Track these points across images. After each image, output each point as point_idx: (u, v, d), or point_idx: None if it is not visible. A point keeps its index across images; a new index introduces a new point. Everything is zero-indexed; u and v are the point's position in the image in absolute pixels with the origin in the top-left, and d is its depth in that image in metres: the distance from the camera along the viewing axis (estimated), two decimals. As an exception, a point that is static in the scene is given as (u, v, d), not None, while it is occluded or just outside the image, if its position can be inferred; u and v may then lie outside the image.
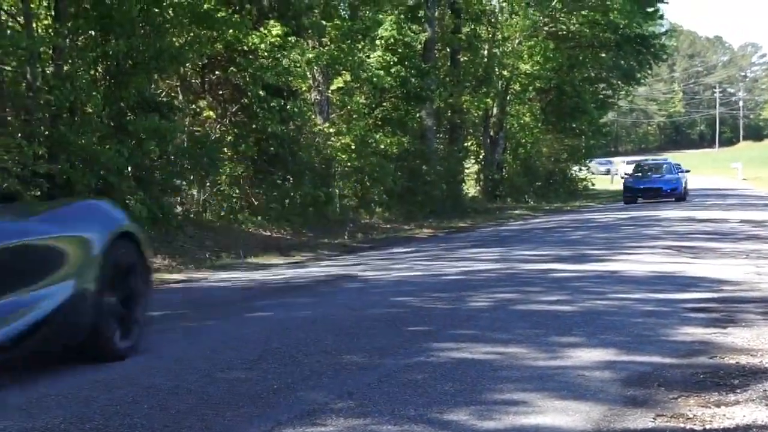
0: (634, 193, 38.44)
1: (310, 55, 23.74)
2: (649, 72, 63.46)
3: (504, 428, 4.64)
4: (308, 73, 25.03)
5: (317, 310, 9.21)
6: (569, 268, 12.42)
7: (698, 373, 5.78)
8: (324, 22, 25.21)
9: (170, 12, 18.55)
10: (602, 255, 14.23)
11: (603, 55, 48.36)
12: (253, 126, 22.26)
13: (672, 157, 69.34)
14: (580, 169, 53.81)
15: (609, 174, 80.00)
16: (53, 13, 16.97)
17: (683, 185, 38.95)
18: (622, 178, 44.94)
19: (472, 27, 38.31)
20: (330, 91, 26.95)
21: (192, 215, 20.21)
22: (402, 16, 31.42)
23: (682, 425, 4.67)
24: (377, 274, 12.96)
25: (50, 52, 16.29)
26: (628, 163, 70.95)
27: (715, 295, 9.30)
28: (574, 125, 50.68)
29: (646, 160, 48.65)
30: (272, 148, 22.70)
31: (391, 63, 28.38)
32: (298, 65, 23.04)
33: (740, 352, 6.39)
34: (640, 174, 40.71)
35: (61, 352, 6.52)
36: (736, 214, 25.03)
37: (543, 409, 4.95)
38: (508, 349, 6.59)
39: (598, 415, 4.81)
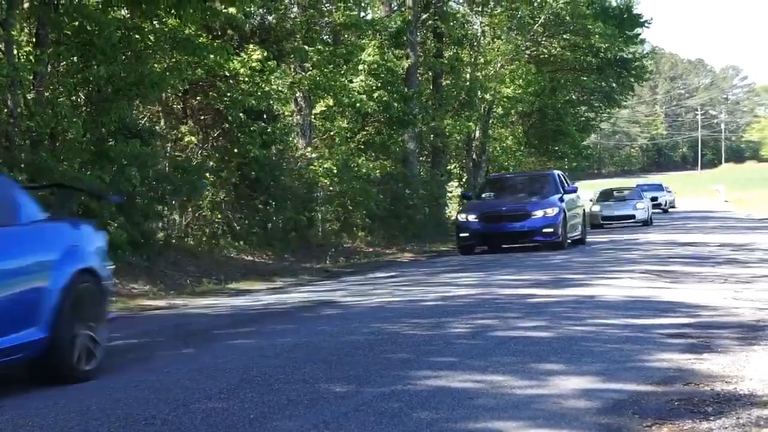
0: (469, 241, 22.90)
1: (290, 80, 23.78)
2: (631, 94, 63.86)
3: (478, 458, 4.66)
4: (290, 97, 25.08)
5: (296, 337, 9.21)
6: (548, 293, 12.45)
7: (673, 400, 5.81)
8: (306, 47, 25.27)
9: (151, 38, 18.56)
10: (581, 279, 14.26)
11: (584, 78, 48.60)
12: (235, 150, 22.28)
13: (657, 179, 70.12)
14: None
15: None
16: (34, 39, 16.97)
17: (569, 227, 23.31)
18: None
19: (455, 51, 38.45)
20: (312, 116, 26.99)
21: (174, 240, 20.18)
22: (385, 41, 31.53)
23: (654, 454, 4.70)
24: (357, 299, 12.96)
25: (31, 78, 16.28)
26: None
27: (692, 320, 9.33)
28: (556, 148, 50.90)
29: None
30: (254, 173, 22.70)
31: (374, 88, 28.46)
32: (280, 90, 23.08)
33: (716, 379, 6.43)
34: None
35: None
36: (717, 237, 25.13)
37: (517, 438, 4.97)
38: (485, 377, 6.61)
39: (572, 444, 4.84)
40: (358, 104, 26.30)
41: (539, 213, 22.07)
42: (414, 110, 30.65)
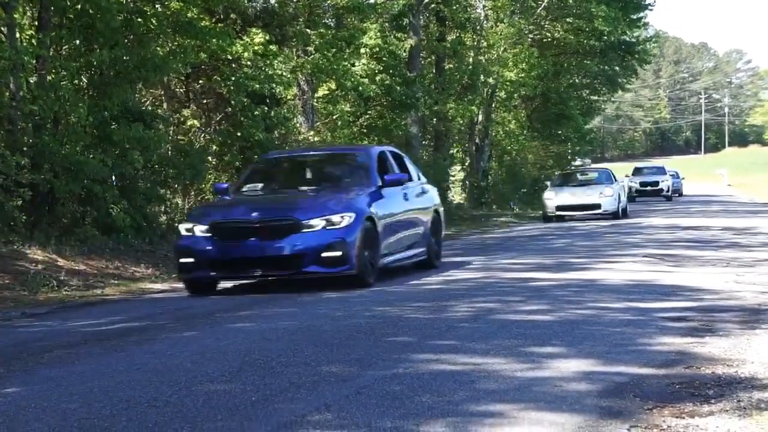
0: None
1: (293, 64, 23.77)
2: (634, 78, 63.76)
3: (478, 440, 4.68)
4: (293, 81, 25.06)
5: (298, 320, 9.22)
6: (550, 276, 12.46)
7: (674, 383, 5.82)
8: (308, 31, 25.24)
9: (154, 21, 18.56)
10: (583, 263, 14.28)
11: (587, 61, 48.51)
12: (238, 134, 22.27)
13: (662, 163, 68.96)
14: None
15: None
16: (37, 23, 16.97)
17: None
18: None
19: (457, 35, 38.38)
20: (315, 99, 26.98)
21: (176, 224, 20.19)
22: (387, 25, 31.49)
23: (654, 437, 4.72)
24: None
25: (34, 62, 16.28)
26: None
27: (694, 304, 9.35)
28: (559, 132, 50.89)
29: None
30: (257, 157, 22.70)
31: (377, 71, 28.42)
32: (283, 74, 23.06)
33: (717, 362, 6.44)
34: None
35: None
36: (719, 221, 25.13)
37: (519, 421, 4.99)
38: (487, 360, 6.63)
39: (573, 427, 4.85)
40: (360, 88, 26.28)
41: (317, 223, 11.92)
42: (416, 94, 30.63)
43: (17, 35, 16.23)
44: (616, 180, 31.80)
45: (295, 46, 25.76)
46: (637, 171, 54.92)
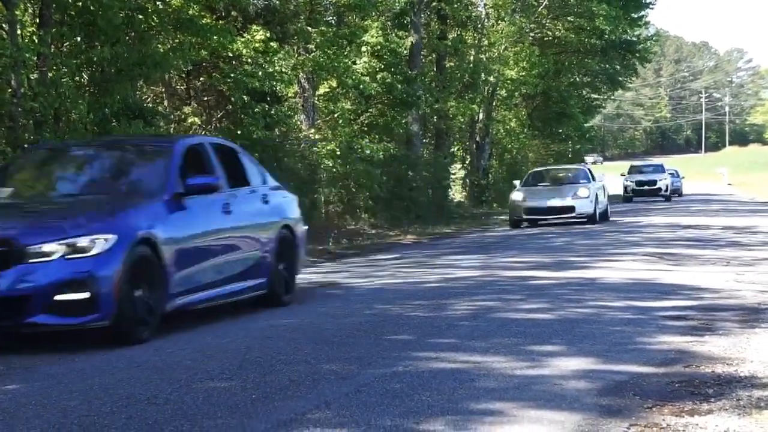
0: None
1: (293, 62, 23.75)
2: (635, 77, 63.70)
3: (478, 439, 4.68)
4: (294, 79, 25.05)
5: (298, 318, 9.24)
6: (550, 275, 12.47)
7: (674, 382, 5.83)
8: (309, 29, 25.23)
9: (154, 19, 18.53)
10: (583, 262, 14.28)
11: (588, 60, 48.51)
12: (238, 132, 22.24)
13: (661, 161, 67.36)
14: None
15: None
16: (38, 20, 16.96)
17: None
18: None
19: (458, 33, 38.37)
20: (316, 97, 26.95)
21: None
22: (388, 23, 31.47)
23: (654, 435, 4.72)
24: (360, 281, 12.99)
25: (35, 59, 16.27)
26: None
27: (694, 303, 9.36)
28: (560, 130, 50.89)
29: None
30: (257, 154, 22.67)
31: (378, 69, 28.40)
32: (284, 71, 23.04)
33: (716, 361, 6.45)
34: None
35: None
36: (720, 220, 25.12)
37: (518, 419, 5.00)
38: (487, 359, 6.64)
39: (572, 425, 4.86)
40: (361, 86, 26.26)
41: (52, 248, 7.80)
42: (417, 92, 30.61)
43: (18, 32, 16.21)
44: (594, 179, 27.86)
45: (296, 44, 25.74)
46: (634, 169, 51.04)
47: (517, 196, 26.68)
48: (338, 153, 26.03)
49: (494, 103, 41.91)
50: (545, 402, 5.34)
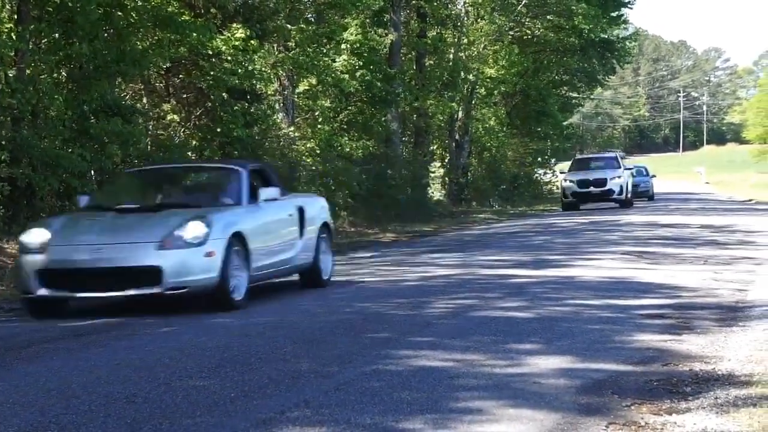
0: None
1: (273, 59, 23.69)
2: (613, 75, 63.81)
3: (457, 437, 4.69)
4: (273, 76, 24.99)
5: (278, 316, 9.23)
6: (528, 273, 12.49)
7: (652, 380, 5.86)
8: (289, 26, 25.17)
9: (133, 15, 18.47)
10: (562, 260, 14.31)
11: (567, 58, 48.61)
12: (218, 130, 22.18)
13: (639, 161, 64.65)
14: (545, 173, 54.10)
15: None
16: (16, 16, 16.86)
17: None
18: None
19: (438, 31, 38.36)
20: (295, 95, 26.89)
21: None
22: (367, 20, 31.42)
23: (632, 433, 4.74)
24: (339, 279, 12.97)
25: (12, 55, 16.18)
26: None
27: (672, 301, 9.39)
28: (539, 129, 50.96)
29: None
30: (236, 152, 22.63)
31: (357, 67, 28.36)
32: (263, 69, 22.99)
33: (694, 359, 6.48)
34: None
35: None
36: (697, 219, 25.22)
37: (498, 418, 5.01)
38: (466, 357, 6.64)
39: (551, 423, 4.88)
40: (341, 84, 26.24)
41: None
42: (397, 90, 30.61)
43: (-4, 28, 16.13)
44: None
45: (276, 42, 25.68)
46: (579, 164, 37.20)
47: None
48: (318, 151, 26.01)
49: (473, 102, 41.93)
50: (524, 400, 5.35)
